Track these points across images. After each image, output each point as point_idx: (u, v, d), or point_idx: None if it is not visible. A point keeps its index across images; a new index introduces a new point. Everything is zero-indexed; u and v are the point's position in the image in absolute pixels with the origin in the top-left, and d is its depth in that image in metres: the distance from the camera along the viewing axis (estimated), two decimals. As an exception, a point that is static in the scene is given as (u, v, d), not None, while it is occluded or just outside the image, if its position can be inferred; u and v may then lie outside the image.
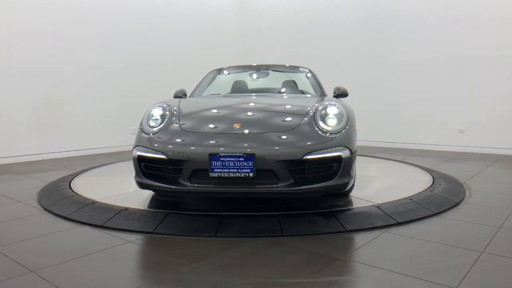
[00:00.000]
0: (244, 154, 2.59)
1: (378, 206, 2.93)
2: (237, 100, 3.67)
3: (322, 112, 2.97)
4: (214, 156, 2.61)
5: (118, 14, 6.79)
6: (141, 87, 7.03)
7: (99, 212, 2.93)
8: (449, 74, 6.59)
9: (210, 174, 2.62)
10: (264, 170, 2.61)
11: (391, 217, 2.78)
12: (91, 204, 3.09)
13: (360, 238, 2.48)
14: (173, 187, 2.73)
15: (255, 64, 4.74)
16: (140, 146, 2.91)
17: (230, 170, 2.60)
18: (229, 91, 4.38)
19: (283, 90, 4.21)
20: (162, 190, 2.84)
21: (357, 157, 3.11)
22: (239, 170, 2.60)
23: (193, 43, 7.96)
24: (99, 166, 5.01)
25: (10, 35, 5.58)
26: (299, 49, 8.20)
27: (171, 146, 2.77)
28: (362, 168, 4.72)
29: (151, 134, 2.95)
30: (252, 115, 3.13)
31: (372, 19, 7.33)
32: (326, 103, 3.12)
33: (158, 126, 3.00)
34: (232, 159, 2.60)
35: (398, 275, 1.96)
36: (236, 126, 2.86)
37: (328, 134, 2.79)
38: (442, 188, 3.53)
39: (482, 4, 6.22)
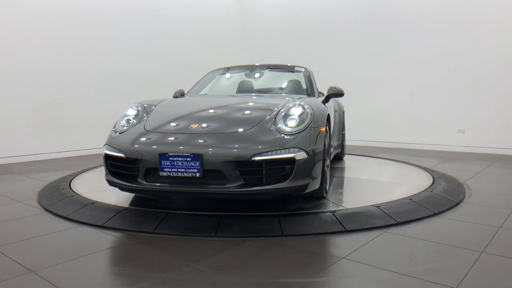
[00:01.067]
0: (191, 154, 2.61)
1: (378, 206, 2.93)
2: (209, 101, 3.72)
3: (285, 113, 2.91)
4: (163, 156, 2.65)
5: (118, 14, 6.79)
6: (141, 87, 7.02)
7: (99, 212, 2.93)
8: (449, 74, 6.59)
9: (160, 173, 2.66)
10: (212, 170, 2.61)
11: (391, 217, 2.78)
12: (91, 204, 3.08)
13: (360, 238, 2.48)
14: (132, 185, 2.80)
15: (250, 64, 4.72)
16: (107, 145, 3.03)
17: (178, 170, 2.63)
18: (224, 90, 4.41)
19: (274, 90, 4.21)
20: (123, 187, 2.91)
21: (357, 157, 3.11)
22: (187, 170, 2.62)
23: (193, 43, 7.96)
24: (99, 166, 5.01)
25: (10, 35, 5.58)
26: (299, 49, 8.20)
27: (128, 145, 2.84)
28: (362, 168, 4.72)
29: (118, 134, 3.07)
30: (213, 115, 3.12)
31: (372, 19, 7.33)
32: (292, 104, 3.02)
33: (128, 125, 3.13)
34: (180, 159, 2.63)
35: (398, 275, 1.96)
36: (193, 126, 2.90)
37: (283, 135, 2.73)
38: (442, 188, 3.53)
39: (482, 4, 6.22)
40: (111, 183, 3.01)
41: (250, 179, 2.60)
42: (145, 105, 3.38)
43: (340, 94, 3.86)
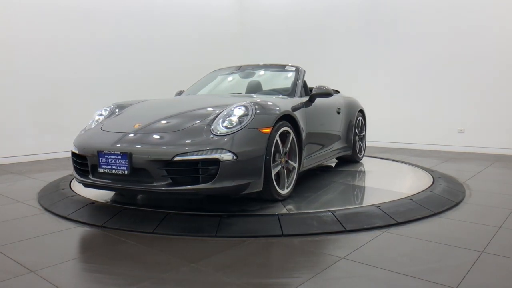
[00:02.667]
0: (121, 152, 2.73)
1: (378, 206, 2.93)
2: (175, 102, 3.77)
3: (227, 113, 2.89)
4: (100, 153, 2.82)
5: (118, 15, 6.79)
6: (141, 87, 7.03)
7: (99, 212, 2.93)
8: (449, 74, 6.59)
9: (99, 169, 2.84)
10: (140, 169, 2.70)
11: (391, 217, 2.78)
12: (91, 204, 3.09)
13: (360, 238, 2.48)
14: (83, 179, 3.02)
15: (246, 64, 4.71)
16: (74, 143, 3.22)
17: (111, 167, 2.78)
18: (224, 90, 4.41)
19: (259, 90, 4.16)
20: (78, 181, 3.11)
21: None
22: (118, 168, 2.75)
23: (193, 43, 7.96)
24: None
25: (10, 36, 5.58)
26: (299, 49, 8.20)
27: (81, 143, 3.07)
28: (362, 168, 4.72)
29: (83, 132, 3.30)
30: (161, 116, 3.13)
31: (372, 19, 7.33)
32: (237, 104, 2.97)
33: (95, 124, 3.34)
34: (112, 156, 2.77)
35: (398, 275, 1.96)
36: (136, 126, 3.00)
37: (214, 136, 2.72)
38: (442, 188, 3.53)
39: (482, 4, 6.22)
40: (75, 178, 3.21)
41: (177, 179, 2.65)
42: (119, 106, 3.61)
43: (326, 94, 3.79)
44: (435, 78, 6.74)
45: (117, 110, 3.54)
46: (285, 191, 3.14)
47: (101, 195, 3.37)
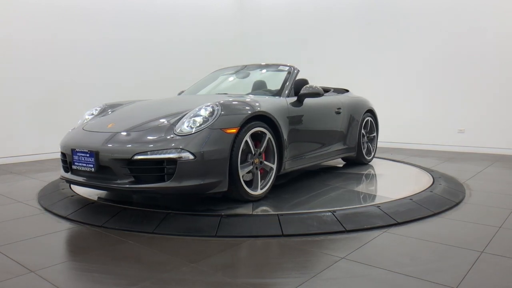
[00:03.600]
0: (89, 150, 2.88)
1: (378, 206, 2.93)
2: (157, 101, 3.81)
3: (193, 114, 2.92)
4: (73, 151, 3.00)
5: (118, 15, 6.79)
6: (141, 87, 7.03)
7: (99, 212, 2.93)
8: (449, 74, 6.59)
9: (73, 166, 3.01)
10: (106, 167, 2.81)
11: (391, 217, 2.78)
12: (91, 204, 3.09)
13: (360, 238, 2.48)
14: (64, 176, 3.16)
15: (243, 64, 4.72)
16: (60, 141, 3.33)
17: (81, 164, 2.95)
18: (222, 90, 4.40)
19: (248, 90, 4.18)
20: (60, 178, 3.28)
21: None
22: (87, 165, 2.91)
23: (193, 43, 7.96)
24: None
25: (10, 35, 5.58)
26: (299, 49, 8.20)
27: (63, 141, 3.23)
28: (362, 168, 4.72)
29: (70, 130, 3.44)
30: (136, 116, 3.24)
31: (372, 19, 7.33)
32: (204, 105, 2.99)
33: (81, 124, 3.47)
34: (82, 154, 2.93)
35: (398, 275, 1.96)
36: (109, 125, 3.12)
37: (175, 136, 2.76)
38: (442, 188, 3.53)
39: (482, 4, 6.22)
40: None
41: (139, 177, 2.73)
42: (110, 106, 3.75)
43: (316, 94, 3.71)
44: (435, 78, 6.74)
45: (109, 111, 3.65)
46: (258, 192, 3.11)
47: (101, 195, 3.37)
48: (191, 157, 2.67)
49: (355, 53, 7.54)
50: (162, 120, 2.99)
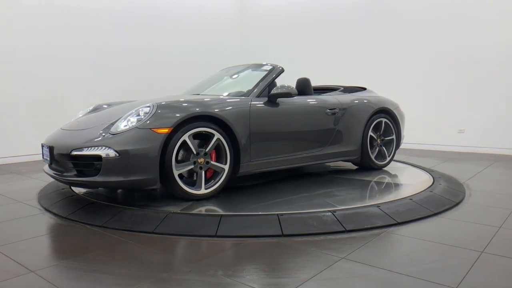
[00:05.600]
0: (48, 146, 3.22)
1: (378, 206, 2.93)
2: (128, 103, 3.90)
3: (129, 113, 3.08)
4: (43, 146, 3.35)
5: (118, 15, 6.79)
6: (141, 87, 7.03)
7: (99, 212, 2.93)
8: (449, 74, 6.59)
9: (43, 160, 3.38)
10: (57, 160, 3.12)
11: (391, 217, 2.78)
12: (91, 204, 3.09)
13: (360, 238, 2.48)
14: (44, 169, 3.41)
15: (251, 64, 4.69)
16: None
17: (45, 158, 3.32)
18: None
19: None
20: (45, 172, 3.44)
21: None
22: (47, 159, 3.27)
23: (193, 43, 7.95)
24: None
25: (11, 35, 5.58)
26: (299, 49, 8.20)
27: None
28: (362, 168, 4.71)
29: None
30: (98, 115, 3.54)
31: (372, 19, 7.33)
32: (144, 105, 3.11)
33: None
34: (45, 149, 3.29)
35: (398, 275, 1.96)
36: (75, 124, 3.47)
37: (107, 134, 2.96)
38: (442, 188, 3.53)
39: (482, 3, 6.22)
40: None
41: (82, 171, 2.98)
42: (99, 106, 3.98)
43: (287, 94, 3.54)
44: (435, 78, 6.74)
45: (96, 111, 3.88)
46: (202, 191, 3.12)
47: (101, 195, 3.37)
48: (116, 154, 2.82)
49: (355, 53, 7.54)
50: (110, 120, 3.17)
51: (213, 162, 3.19)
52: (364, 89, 4.84)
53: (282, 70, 3.93)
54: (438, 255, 2.21)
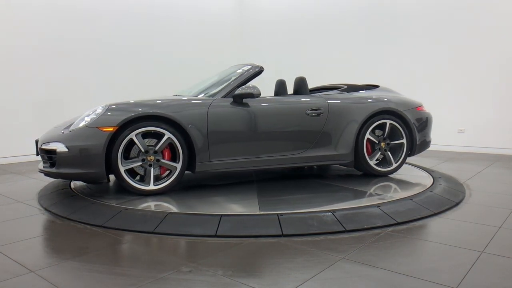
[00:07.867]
0: (36, 141, 3.59)
1: (378, 206, 2.93)
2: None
3: (91, 111, 3.37)
4: (36, 143, 3.59)
5: (119, 15, 6.78)
6: (141, 87, 7.02)
7: (99, 212, 2.93)
8: (449, 74, 6.59)
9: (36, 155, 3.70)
10: (39, 153, 3.51)
11: (391, 217, 2.78)
12: (91, 204, 3.09)
13: (360, 238, 2.48)
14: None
15: (250, 63, 4.67)
16: None
17: (36, 151, 3.65)
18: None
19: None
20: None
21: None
22: (36, 152, 3.64)
23: (193, 43, 7.95)
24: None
25: (11, 35, 5.58)
26: (299, 49, 8.20)
27: None
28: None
29: None
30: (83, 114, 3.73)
31: (372, 19, 7.32)
32: (101, 105, 3.37)
33: None
34: (35, 143, 3.60)
35: (398, 275, 1.96)
36: (64, 121, 3.73)
37: (65, 131, 3.28)
38: (442, 188, 3.53)
39: (482, 4, 6.22)
40: None
41: (53, 163, 3.30)
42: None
43: (249, 94, 3.48)
44: (435, 78, 6.74)
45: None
46: (150, 187, 3.30)
47: (101, 195, 3.37)
48: (65, 149, 3.14)
49: (354, 53, 7.54)
50: (79, 119, 3.41)
51: (163, 160, 3.33)
52: (377, 86, 4.55)
53: (261, 70, 3.80)
54: (438, 255, 2.21)
